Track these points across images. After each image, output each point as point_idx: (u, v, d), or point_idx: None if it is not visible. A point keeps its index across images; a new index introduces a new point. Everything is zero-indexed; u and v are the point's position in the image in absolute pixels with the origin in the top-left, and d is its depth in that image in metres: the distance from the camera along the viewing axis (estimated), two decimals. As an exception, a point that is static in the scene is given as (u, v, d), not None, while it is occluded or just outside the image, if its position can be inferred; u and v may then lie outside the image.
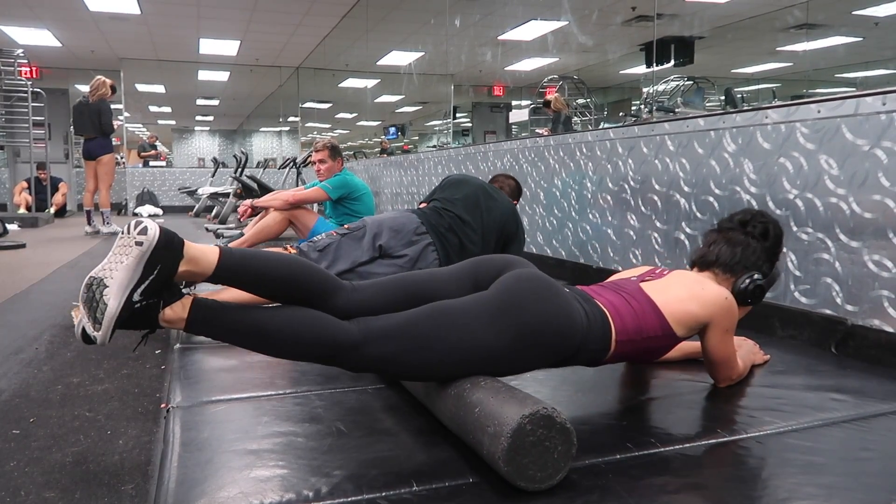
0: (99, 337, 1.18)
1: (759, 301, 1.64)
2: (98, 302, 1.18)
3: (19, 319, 2.69)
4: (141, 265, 1.19)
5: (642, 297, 1.50)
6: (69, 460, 1.41)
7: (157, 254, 1.19)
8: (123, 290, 1.18)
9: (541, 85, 11.60)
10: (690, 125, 2.68)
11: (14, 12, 8.92)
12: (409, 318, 1.30)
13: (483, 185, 2.81)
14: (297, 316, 1.27)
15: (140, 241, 1.18)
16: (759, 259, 1.64)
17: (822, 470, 1.20)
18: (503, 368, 1.33)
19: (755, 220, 1.68)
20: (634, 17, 9.25)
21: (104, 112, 6.61)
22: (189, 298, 1.24)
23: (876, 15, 9.02)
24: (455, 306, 1.32)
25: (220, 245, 1.33)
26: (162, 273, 1.21)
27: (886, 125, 1.92)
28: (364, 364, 1.29)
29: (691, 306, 1.50)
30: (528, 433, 1.08)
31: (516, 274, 1.38)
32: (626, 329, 1.44)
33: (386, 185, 6.82)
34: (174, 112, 19.49)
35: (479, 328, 1.28)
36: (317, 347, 1.26)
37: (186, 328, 1.24)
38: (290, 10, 8.97)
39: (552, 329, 1.32)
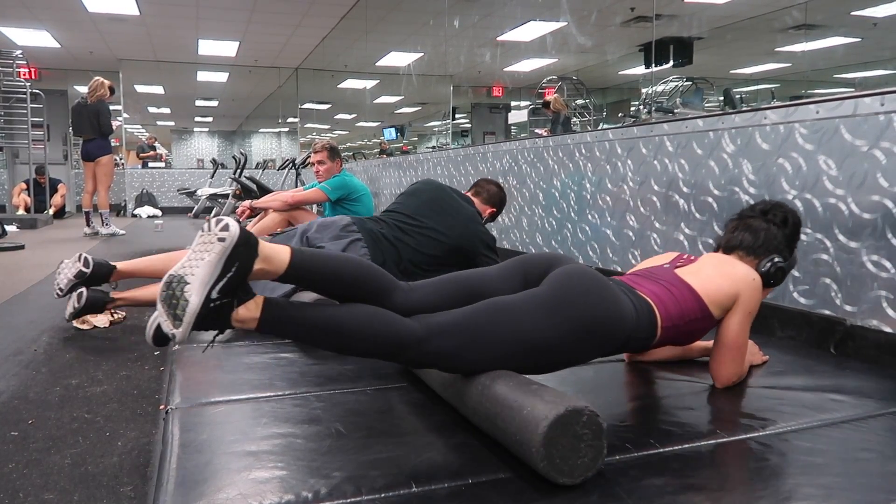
0: (178, 334, 1.19)
1: (780, 282, 1.74)
2: (178, 299, 1.19)
3: (18, 321, 2.68)
4: (222, 262, 1.21)
5: (680, 282, 1.59)
6: (68, 462, 1.41)
7: (236, 251, 1.21)
8: (204, 286, 1.19)
9: (540, 86, 11.60)
10: (689, 126, 2.68)
11: (12, 13, 8.91)
12: (468, 314, 1.34)
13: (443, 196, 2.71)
14: (363, 313, 1.31)
15: (222, 237, 1.20)
16: (780, 244, 1.74)
17: (822, 470, 1.20)
18: (557, 361, 1.39)
19: (775, 209, 1.79)
20: (633, 18, 9.26)
21: (103, 113, 6.60)
22: (261, 298, 1.26)
23: (874, 16, 9.03)
24: (511, 302, 1.37)
25: (290, 245, 1.35)
26: (239, 271, 1.22)
27: (885, 126, 1.93)
28: (426, 359, 1.33)
29: (723, 283, 1.60)
30: (574, 422, 1.11)
31: (567, 270, 1.44)
32: (671, 316, 1.52)
33: (385, 186, 6.82)
34: (173, 113, 19.48)
35: (535, 323, 1.33)
36: (383, 344, 1.30)
37: (258, 327, 1.26)
38: (288, 10, 8.96)
39: (604, 322, 1.39)
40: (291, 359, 1.89)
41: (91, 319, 2.63)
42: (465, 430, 1.37)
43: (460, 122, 16.71)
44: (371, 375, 1.73)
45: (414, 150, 18.35)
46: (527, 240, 3.95)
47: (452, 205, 2.70)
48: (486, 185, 2.96)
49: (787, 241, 1.75)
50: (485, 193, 2.91)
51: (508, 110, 15.24)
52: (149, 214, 10.63)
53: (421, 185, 2.82)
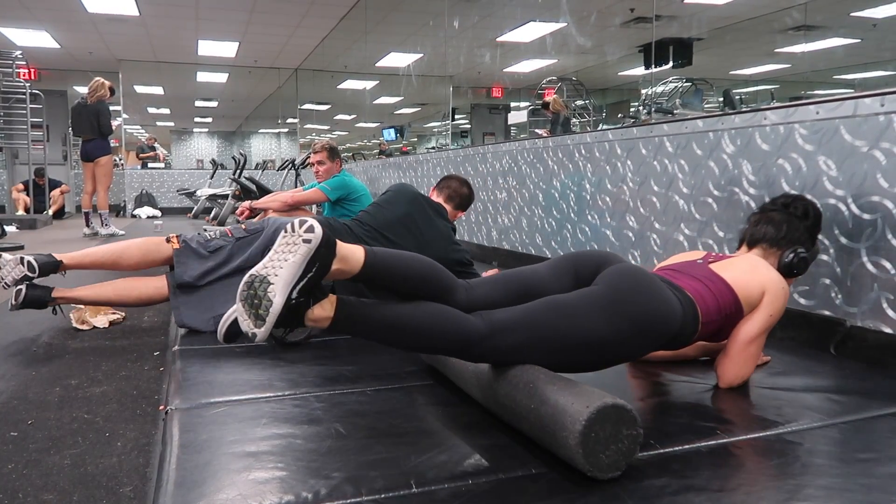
0: (260, 334, 1.22)
1: (803, 272, 1.80)
2: (262, 299, 1.22)
3: (17, 321, 2.68)
4: (304, 263, 1.24)
5: (716, 277, 1.64)
6: (67, 462, 1.41)
7: (319, 252, 1.25)
8: (287, 286, 1.23)
9: (539, 86, 11.61)
10: (689, 126, 2.68)
11: (12, 13, 8.91)
12: (529, 312, 1.38)
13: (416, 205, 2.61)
14: (432, 311, 1.34)
15: (308, 238, 1.24)
16: (802, 235, 1.80)
17: (822, 471, 1.20)
18: (612, 356, 1.44)
19: (796, 202, 1.84)
20: (633, 19, 9.26)
21: (102, 113, 6.61)
22: (334, 297, 1.29)
23: (874, 17, 9.03)
24: (569, 300, 1.41)
25: (363, 246, 1.37)
26: (319, 271, 1.25)
27: (885, 126, 1.93)
28: (488, 355, 1.36)
29: (753, 279, 1.64)
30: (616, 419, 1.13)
31: (619, 268, 1.49)
32: (710, 311, 1.57)
33: (384, 187, 6.82)
34: (173, 113, 19.48)
35: (592, 320, 1.37)
36: (450, 340, 1.33)
37: (331, 326, 1.29)
38: (288, 11, 8.97)
39: (657, 318, 1.43)
40: (291, 359, 1.89)
41: (90, 320, 2.63)
42: (466, 431, 1.37)
43: (460, 123, 16.71)
44: (371, 376, 1.73)
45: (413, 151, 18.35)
46: (526, 240, 3.95)
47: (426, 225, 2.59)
48: (459, 188, 2.82)
49: (809, 232, 1.81)
50: (457, 199, 2.79)
51: (508, 111, 15.24)
52: (148, 215, 10.63)
53: (394, 196, 2.68)
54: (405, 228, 2.58)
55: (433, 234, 2.60)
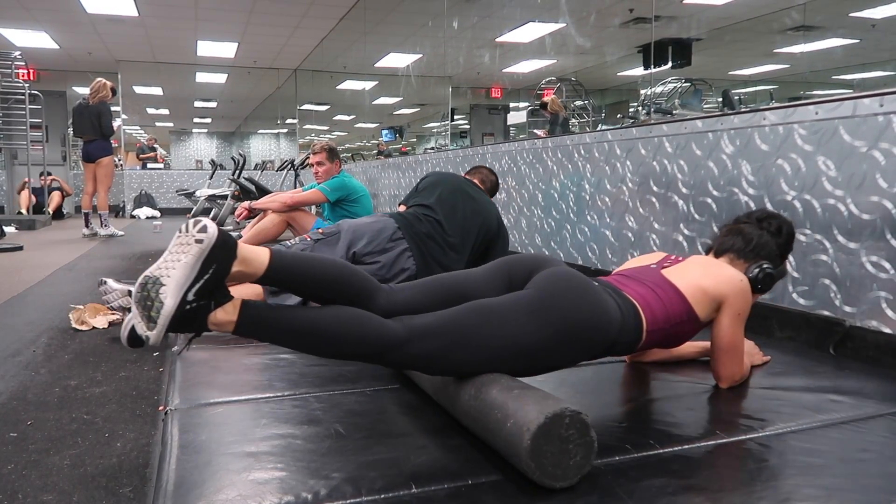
0: (153, 336, 1.17)
1: (768, 289, 1.72)
2: (154, 301, 1.17)
3: (17, 322, 2.68)
4: (199, 263, 1.19)
5: (667, 284, 1.58)
6: (67, 463, 1.41)
7: (214, 253, 1.20)
8: (180, 288, 1.18)
9: (539, 87, 11.62)
10: (688, 127, 2.68)
11: (11, 14, 8.91)
12: (452, 316, 1.33)
13: (462, 184, 2.79)
14: (344, 316, 1.29)
15: (200, 238, 1.19)
16: (772, 252, 1.73)
17: (821, 471, 1.20)
18: (542, 364, 1.37)
19: (771, 218, 1.80)
20: (632, 20, 9.26)
21: (104, 114, 6.62)
22: (237, 301, 1.24)
23: (873, 17, 9.04)
24: (496, 304, 1.35)
25: (269, 247, 1.33)
26: (216, 273, 1.21)
27: (884, 126, 1.93)
28: (408, 361, 1.31)
29: (708, 284, 1.58)
30: (560, 425, 1.10)
31: (552, 272, 1.43)
32: (656, 319, 1.51)
33: (384, 188, 6.82)
34: (172, 114, 19.47)
35: (520, 325, 1.31)
36: (364, 346, 1.28)
37: (235, 330, 1.24)
38: (287, 12, 8.96)
39: (590, 325, 1.37)
40: (291, 360, 1.89)
41: (89, 320, 2.63)
42: (464, 432, 1.37)
43: (459, 124, 16.71)
44: (370, 377, 1.73)
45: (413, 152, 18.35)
46: (526, 241, 3.95)
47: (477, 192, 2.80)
48: (488, 174, 3.11)
49: (780, 249, 1.75)
50: (489, 184, 3.05)
51: (507, 111, 15.24)
52: (147, 215, 10.63)
53: (442, 176, 2.86)
54: (465, 197, 2.70)
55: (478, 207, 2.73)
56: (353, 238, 2.50)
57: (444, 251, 2.55)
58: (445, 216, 2.61)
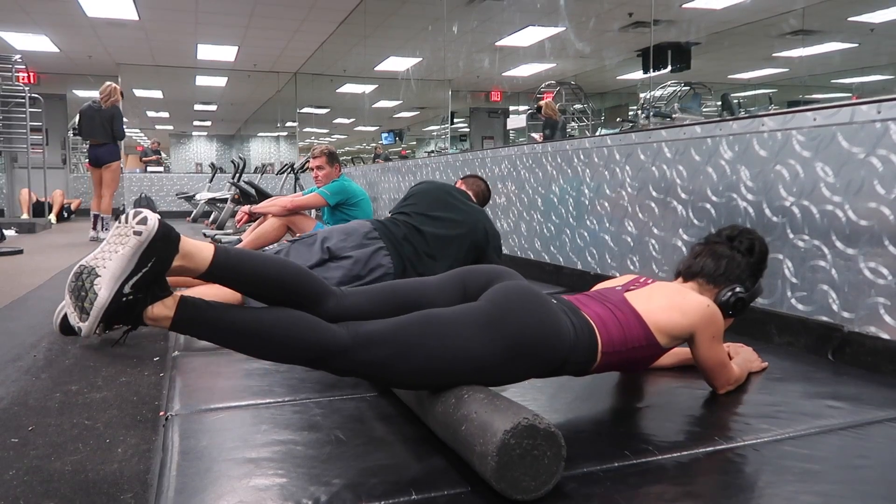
0: (84, 328, 1.15)
1: (741, 314, 1.67)
2: (87, 291, 1.14)
3: (17, 326, 2.68)
4: (136, 256, 1.16)
5: (627, 307, 1.52)
6: (68, 469, 1.41)
7: (153, 245, 1.17)
8: (116, 280, 1.15)
9: (538, 90, 11.65)
10: (687, 132, 2.69)
11: (12, 18, 8.93)
12: (399, 324, 1.29)
13: (447, 194, 2.77)
14: (286, 317, 1.26)
15: (139, 230, 1.16)
16: (743, 273, 1.68)
17: (819, 478, 1.20)
18: (490, 378, 1.32)
19: (742, 236, 1.73)
20: (631, 24, 9.29)
21: (117, 118, 6.71)
22: (176, 296, 1.22)
23: (871, 21, 9.07)
24: (445, 315, 1.32)
25: (214, 243, 1.31)
26: (156, 266, 1.18)
27: (881, 133, 1.94)
28: (351, 368, 1.28)
29: (674, 316, 1.52)
30: (512, 447, 1.08)
31: (505, 286, 1.40)
32: (612, 341, 1.46)
33: (384, 191, 6.82)
34: (172, 117, 19.50)
35: (467, 337, 1.28)
36: (305, 350, 1.25)
37: (172, 326, 1.21)
38: (288, 16, 8.98)
39: (539, 341, 1.34)
40: (290, 365, 1.89)
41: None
42: (464, 437, 1.37)
43: (459, 127, 16.74)
44: (370, 382, 1.73)
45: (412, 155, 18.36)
46: (525, 245, 3.96)
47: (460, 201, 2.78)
48: (475, 181, 3.13)
49: (752, 269, 1.71)
50: (478, 192, 3.06)
51: (507, 115, 15.28)
52: (147, 219, 10.61)
53: (427, 185, 2.86)
54: (446, 206, 2.70)
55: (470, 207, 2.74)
56: (327, 235, 2.52)
57: (421, 258, 2.55)
58: (424, 224, 2.61)
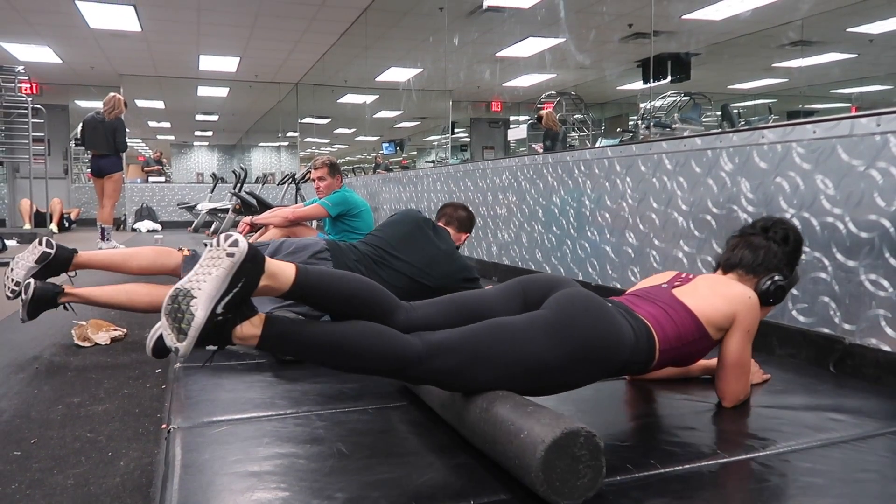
0: (182, 348, 1.20)
1: (780, 300, 1.73)
2: (184, 313, 1.20)
3: (19, 338, 2.69)
4: (229, 277, 1.23)
5: (677, 303, 1.60)
6: (70, 482, 1.41)
7: (244, 267, 1.24)
8: (211, 300, 1.21)
9: (538, 101, 11.68)
10: (688, 144, 2.71)
11: (15, 29, 8.98)
12: (470, 333, 1.36)
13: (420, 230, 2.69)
14: (367, 331, 1.32)
15: (231, 252, 1.23)
16: (780, 262, 1.74)
17: (822, 491, 1.20)
18: (556, 383, 1.40)
19: (776, 227, 1.78)
20: (631, 35, 9.33)
21: (119, 130, 6.76)
22: (262, 315, 1.27)
23: (870, 32, 9.11)
24: (512, 322, 1.39)
25: (295, 262, 1.38)
26: (245, 286, 1.25)
27: (881, 146, 1.95)
28: (427, 377, 1.34)
29: (718, 303, 1.60)
30: (578, 444, 1.11)
31: (567, 293, 1.46)
32: (668, 338, 1.53)
33: (385, 202, 6.84)
34: (173, 127, 19.55)
35: (537, 343, 1.34)
36: (385, 361, 1.31)
37: (259, 345, 1.27)
38: (289, 27, 9.03)
39: (604, 345, 1.40)
40: (293, 377, 1.90)
41: (92, 337, 2.64)
42: (467, 451, 1.37)
43: (459, 137, 16.78)
44: (373, 394, 1.73)
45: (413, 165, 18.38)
46: (526, 256, 3.97)
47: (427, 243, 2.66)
48: (454, 211, 2.95)
49: (788, 259, 1.75)
50: (456, 223, 2.91)
51: (507, 125, 15.33)
52: (149, 229, 10.64)
53: (400, 217, 2.77)
54: (409, 245, 2.62)
55: (433, 251, 2.64)
56: (276, 249, 2.51)
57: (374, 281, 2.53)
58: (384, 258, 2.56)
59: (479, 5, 8.20)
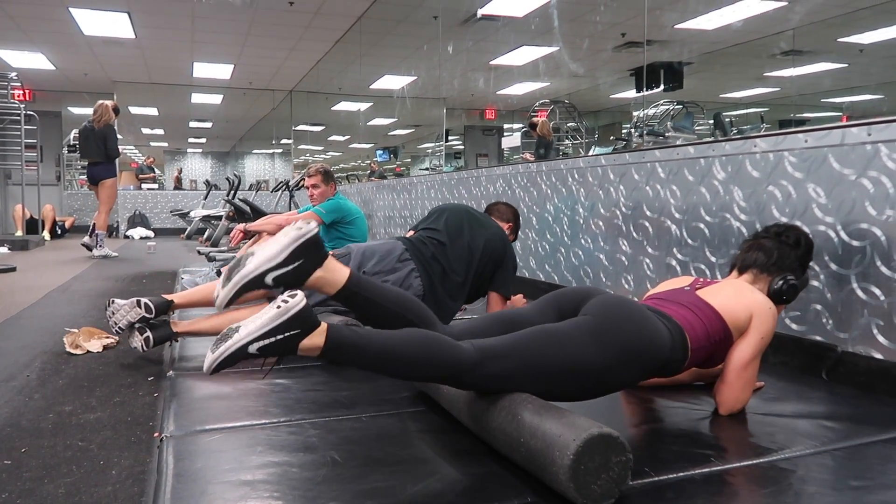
0: (221, 294, 1.33)
1: (792, 299, 1.82)
2: (239, 266, 1.34)
3: (10, 345, 2.67)
4: (290, 249, 1.34)
5: (703, 304, 1.65)
6: (62, 491, 1.40)
7: (306, 245, 1.36)
8: (264, 261, 1.33)
9: (532, 109, 11.73)
10: (681, 153, 2.72)
11: (8, 36, 8.96)
12: (518, 339, 1.40)
13: (468, 210, 2.77)
14: (424, 339, 1.35)
15: (300, 227, 1.36)
16: (793, 264, 1.81)
17: (815, 499, 1.21)
18: (604, 385, 1.45)
19: (789, 231, 1.86)
20: (624, 44, 9.39)
21: (109, 137, 6.77)
22: (324, 326, 1.29)
23: (861, 42, 9.19)
24: (558, 328, 1.44)
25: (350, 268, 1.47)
26: (301, 268, 1.34)
27: (872, 155, 1.96)
28: (480, 382, 1.36)
29: (742, 304, 1.66)
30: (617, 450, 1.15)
31: (606, 298, 1.53)
32: (699, 338, 1.58)
33: (379, 209, 6.84)
34: (167, 134, 19.51)
35: (582, 346, 1.39)
36: (443, 368, 1.33)
37: (321, 355, 1.29)
38: (284, 34, 9.04)
39: (647, 345, 1.45)
40: (286, 385, 1.89)
41: (84, 345, 2.62)
42: (461, 459, 1.37)
43: (453, 144, 16.81)
44: (366, 402, 1.73)
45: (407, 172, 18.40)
46: (520, 264, 3.97)
47: (483, 217, 2.77)
48: (496, 205, 3.08)
49: (800, 261, 1.83)
50: (496, 213, 3.00)
51: (501, 133, 15.38)
52: (141, 236, 10.60)
53: (450, 205, 2.86)
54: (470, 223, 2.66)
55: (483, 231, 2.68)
56: (363, 258, 2.53)
57: (447, 275, 2.56)
58: (448, 238, 2.63)
59: (473, 14, 8.23)
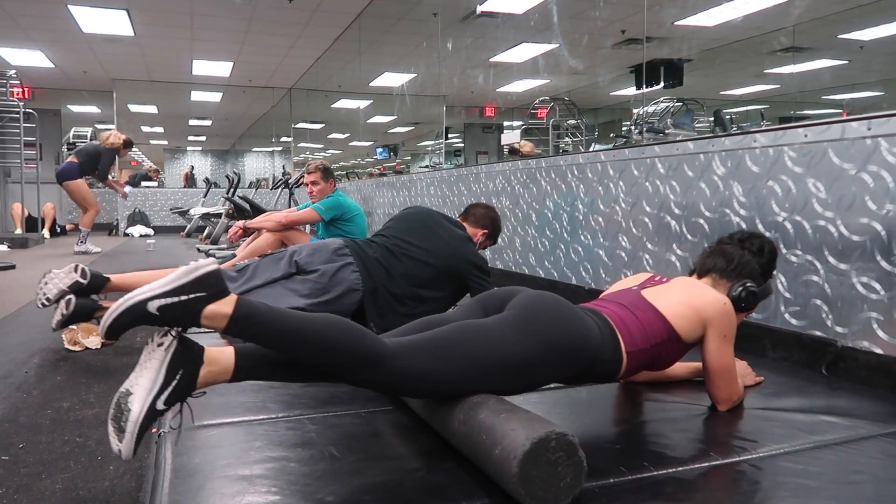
0: (123, 448, 1.16)
1: (752, 307, 1.73)
2: (123, 412, 1.18)
3: (9, 342, 2.66)
4: (163, 369, 1.21)
5: (645, 304, 1.60)
6: (59, 487, 1.40)
7: (177, 357, 1.22)
8: (147, 394, 1.19)
9: (532, 106, 11.71)
10: (680, 148, 2.71)
11: (7, 33, 8.95)
12: (437, 334, 1.37)
13: (432, 218, 2.71)
14: (338, 322, 1.29)
15: (161, 342, 1.22)
16: (754, 271, 1.76)
17: (814, 493, 1.20)
18: (525, 380, 1.39)
19: (752, 238, 1.83)
20: (624, 41, 9.38)
21: (105, 157, 6.93)
22: (234, 295, 1.24)
23: (861, 39, 9.18)
24: (478, 323, 1.41)
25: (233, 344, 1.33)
26: (184, 379, 1.22)
27: (872, 150, 1.96)
28: (394, 377, 1.29)
29: (691, 307, 1.60)
30: (551, 449, 1.10)
31: (530, 294, 1.49)
32: (634, 340, 1.52)
33: (378, 206, 6.83)
34: (166, 132, 19.52)
35: (504, 340, 1.36)
36: (354, 355, 1.26)
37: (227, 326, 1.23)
38: (283, 32, 9.03)
39: (570, 339, 1.41)
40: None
41: (82, 341, 2.62)
42: (457, 455, 1.37)
43: (453, 142, 16.81)
44: (365, 398, 1.72)
45: (407, 170, 18.40)
46: (520, 260, 3.97)
47: (442, 228, 2.67)
48: (474, 208, 2.91)
49: (762, 269, 1.78)
50: (472, 217, 2.86)
51: (501, 130, 15.37)
52: (141, 233, 10.59)
53: (412, 210, 2.81)
54: (421, 233, 2.64)
55: (449, 237, 2.65)
56: (296, 250, 2.55)
57: (394, 279, 2.51)
58: (399, 246, 2.57)
59: (472, 11, 8.22)
